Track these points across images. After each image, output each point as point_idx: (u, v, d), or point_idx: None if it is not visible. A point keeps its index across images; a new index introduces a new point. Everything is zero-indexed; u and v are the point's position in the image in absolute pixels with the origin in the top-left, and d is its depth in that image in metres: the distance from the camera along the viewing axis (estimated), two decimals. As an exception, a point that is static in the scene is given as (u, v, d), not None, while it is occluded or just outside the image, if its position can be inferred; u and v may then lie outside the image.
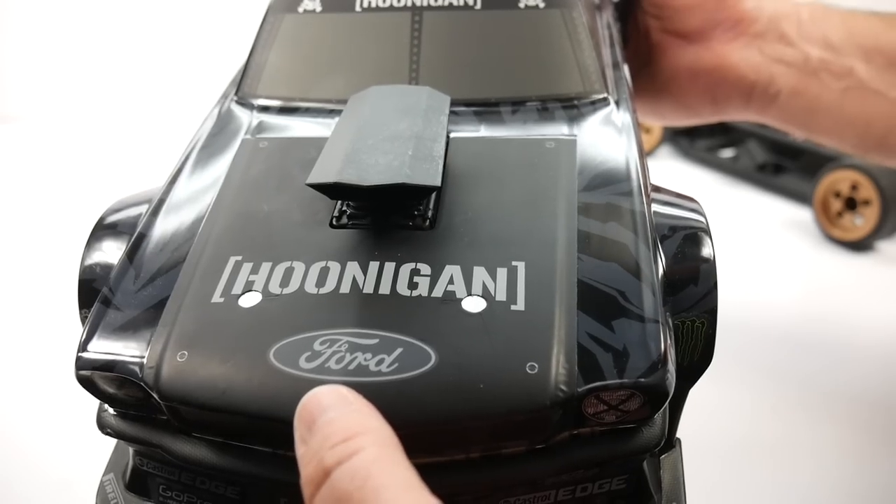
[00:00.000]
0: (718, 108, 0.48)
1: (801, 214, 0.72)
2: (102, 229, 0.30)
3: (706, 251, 0.27)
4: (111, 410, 0.26)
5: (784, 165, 0.77)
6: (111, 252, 0.29)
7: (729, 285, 0.60)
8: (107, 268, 0.28)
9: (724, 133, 0.83)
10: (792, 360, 0.51)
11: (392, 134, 0.27)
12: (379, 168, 0.25)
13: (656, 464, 0.27)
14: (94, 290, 0.27)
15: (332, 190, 0.25)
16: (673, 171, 0.84)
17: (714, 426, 0.45)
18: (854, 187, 0.65)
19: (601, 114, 0.32)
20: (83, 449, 0.39)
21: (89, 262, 0.29)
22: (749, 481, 0.41)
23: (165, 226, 0.28)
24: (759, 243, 0.68)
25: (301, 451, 0.19)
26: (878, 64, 0.44)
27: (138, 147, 0.90)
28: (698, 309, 0.26)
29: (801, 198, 0.73)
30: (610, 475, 0.25)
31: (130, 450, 0.28)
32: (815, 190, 0.68)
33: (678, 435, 0.28)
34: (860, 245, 0.66)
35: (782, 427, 0.45)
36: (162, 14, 1.05)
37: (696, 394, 0.27)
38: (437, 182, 0.25)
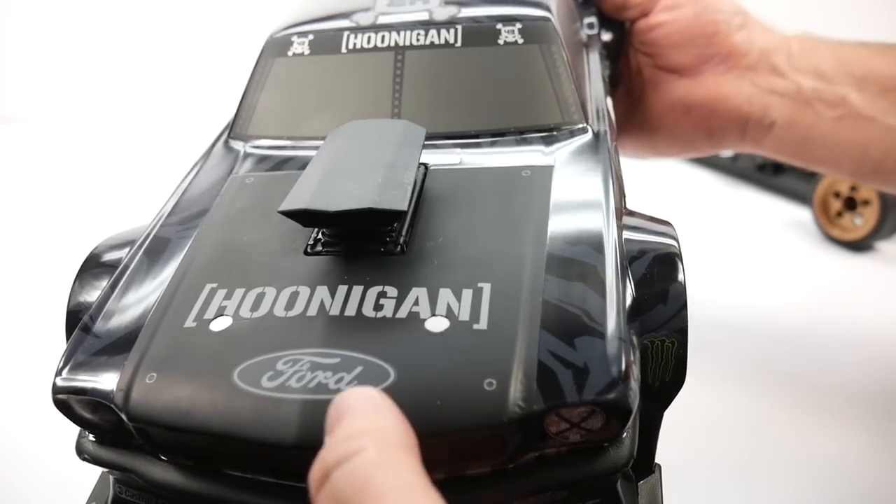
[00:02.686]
0: (714, 140, 0.48)
1: (801, 214, 0.72)
2: (92, 265, 0.31)
3: (675, 273, 0.27)
4: (90, 437, 0.27)
5: (783, 165, 0.76)
6: (99, 287, 0.30)
7: (728, 285, 0.59)
8: (91, 303, 0.29)
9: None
10: (791, 360, 0.50)
11: (364, 164, 0.28)
12: (348, 195, 0.26)
13: (634, 489, 0.26)
14: (79, 320, 0.28)
15: (303, 217, 0.26)
16: (673, 172, 0.85)
17: (711, 427, 0.44)
18: (853, 187, 0.65)
19: (579, 142, 0.33)
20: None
21: (77, 297, 0.30)
22: (751, 480, 0.40)
23: (149, 259, 0.29)
24: (758, 243, 0.68)
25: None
26: (871, 91, 0.44)
27: (139, 148, 0.91)
28: (668, 328, 0.26)
29: (801, 198, 0.73)
30: (582, 499, 0.25)
31: (111, 478, 0.28)
32: (815, 190, 0.68)
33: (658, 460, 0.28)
34: (860, 245, 0.65)
35: (780, 428, 0.45)
36: (163, 15, 1.08)
37: (695, 395, 0.27)
38: (404, 207, 0.26)
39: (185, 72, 1.03)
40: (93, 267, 0.30)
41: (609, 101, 0.38)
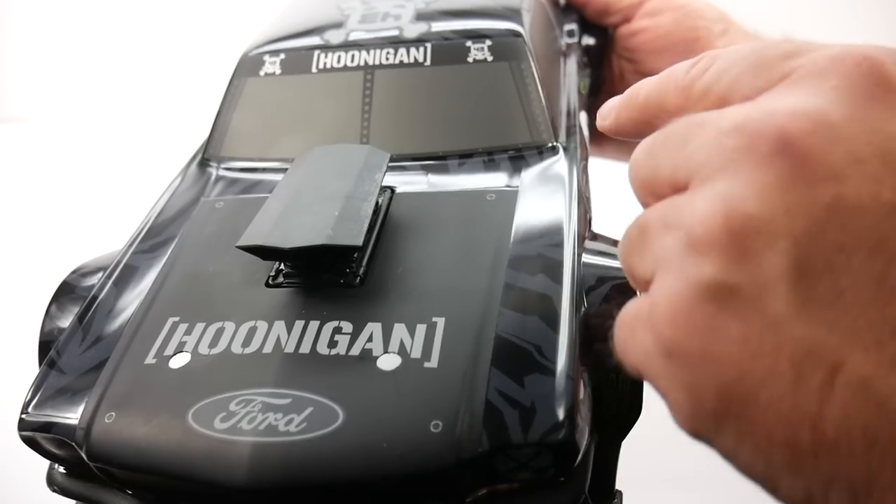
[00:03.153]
0: None
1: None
2: (63, 294, 0.31)
3: None
4: (60, 469, 0.27)
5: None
6: (70, 316, 0.30)
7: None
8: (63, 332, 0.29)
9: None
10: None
11: (324, 195, 0.28)
12: (303, 230, 0.26)
13: (592, 518, 0.27)
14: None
15: (260, 251, 0.26)
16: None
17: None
18: None
19: (546, 162, 0.33)
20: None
21: (49, 326, 0.30)
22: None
23: (117, 289, 0.30)
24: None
25: None
26: None
27: (138, 149, 0.91)
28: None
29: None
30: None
31: None
32: None
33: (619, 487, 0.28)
34: None
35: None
36: (163, 15, 1.08)
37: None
38: (359, 242, 0.26)
39: (184, 72, 1.03)
40: (64, 296, 0.31)
41: (583, 115, 0.38)
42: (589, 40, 0.49)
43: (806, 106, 0.16)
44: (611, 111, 0.25)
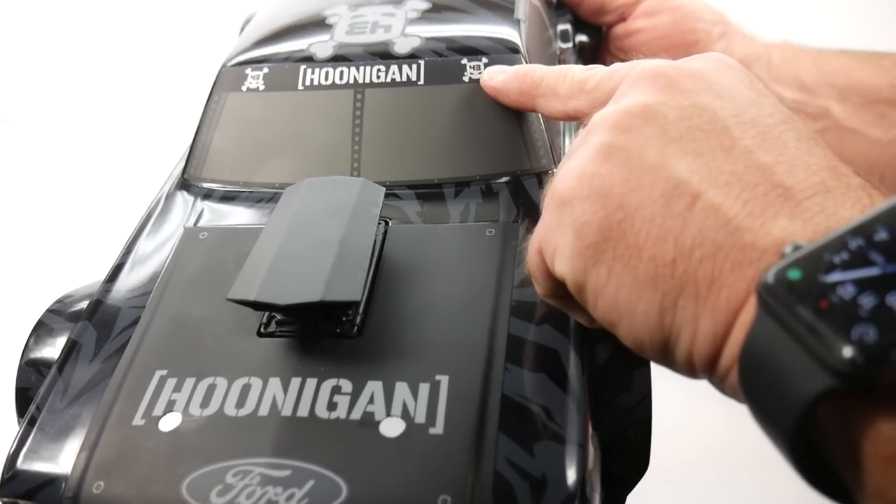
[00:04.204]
0: None
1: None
2: (41, 332, 0.30)
3: (641, 358, 0.26)
4: None
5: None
6: (46, 359, 0.29)
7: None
8: (41, 379, 0.28)
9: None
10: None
11: (317, 239, 0.26)
12: (298, 283, 0.25)
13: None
14: (29, 400, 0.27)
15: (253, 304, 0.25)
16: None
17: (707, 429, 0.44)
18: None
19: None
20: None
21: (25, 372, 0.29)
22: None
23: (98, 333, 0.28)
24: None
25: None
26: (854, 103, 0.42)
27: (132, 148, 0.89)
28: (631, 418, 0.25)
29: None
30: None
31: None
32: None
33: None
34: None
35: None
36: (157, 13, 1.04)
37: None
38: (358, 297, 0.25)
39: (180, 72, 0.99)
40: (41, 339, 0.29)
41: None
42: (583, 38, 0.47)
43: (669, 62, 0.24)
44: (500, 73, 0.32)
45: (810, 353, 0.16)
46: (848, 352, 0.15)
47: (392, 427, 0.23)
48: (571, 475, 0.22)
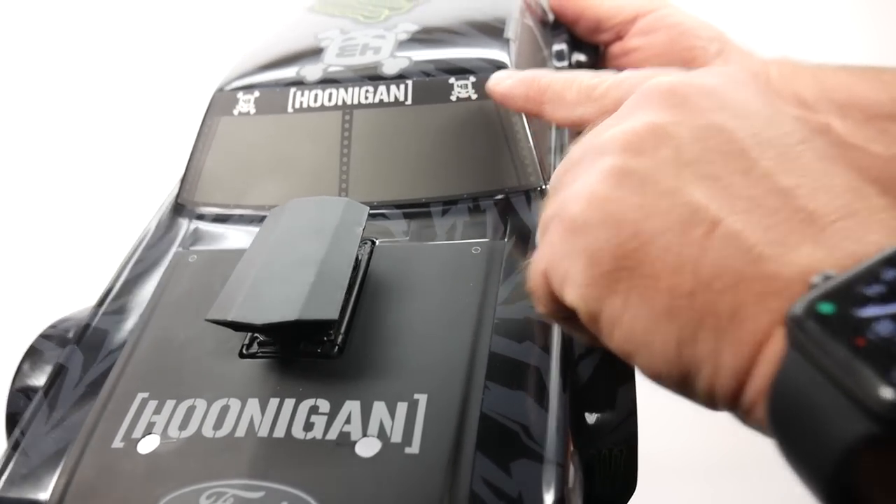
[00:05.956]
0: None
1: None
2: (33, 357, 0.30)
3: (625, 375, 0.25)
4: None
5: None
6: (38, 382, 0.29)
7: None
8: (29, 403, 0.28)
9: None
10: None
11: (297, 259, 0.26)
12: (275, 303, 0.25)
13: None
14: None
15: (231, 324, 0.25)
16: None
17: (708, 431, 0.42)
18: None
19: (535, 209, 0.31)
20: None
21: (15, 398, 0.29)
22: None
23: (86, 357, 0.28)
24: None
25: None
26: (855, 119, 0.41)
27: (130, 149, 0.90)
28: (615, 437, 0.25)
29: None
30: None
31: None
32: None
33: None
34: None
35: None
36: (156, 14, 1.05)
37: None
38: (334, 315, 0.24)
39: (178, 74, 1.00)
40: (33, 364, 0.30)
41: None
42: (579, 57, 0.47)
43: (681, 77, 0.22)
44: (507, 79, 0.31)
45: (847, 395, 0.14)
46: (889, 394, 0.14)
47: (368, 447, 0.23)
48: (549, 495, 0.21)
